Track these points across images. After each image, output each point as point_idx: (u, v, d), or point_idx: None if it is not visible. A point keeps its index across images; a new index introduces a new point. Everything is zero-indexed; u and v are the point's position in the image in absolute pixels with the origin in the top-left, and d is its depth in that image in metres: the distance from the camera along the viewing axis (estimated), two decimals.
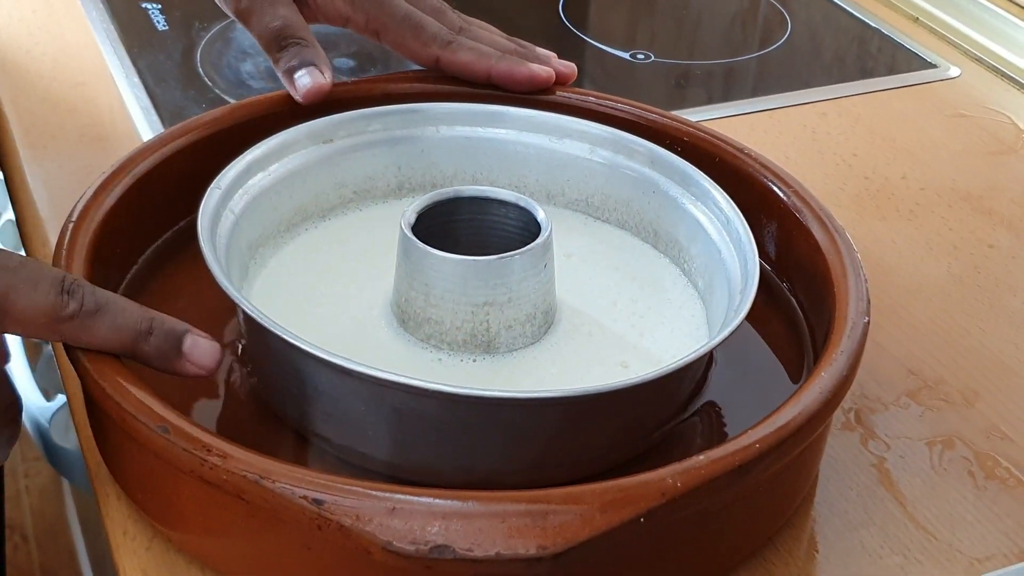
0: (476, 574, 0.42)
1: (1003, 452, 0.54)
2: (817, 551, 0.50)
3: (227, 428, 0.51)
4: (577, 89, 0.63)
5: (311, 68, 0.59)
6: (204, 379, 0.48)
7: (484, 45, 0.63)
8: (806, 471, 0.50)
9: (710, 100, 0.82)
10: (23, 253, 0.79)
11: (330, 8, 0.63)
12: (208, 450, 0.42)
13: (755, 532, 0.48)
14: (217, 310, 0.54)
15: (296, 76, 0.59)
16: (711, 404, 0.53)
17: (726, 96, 0.83)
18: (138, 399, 0.44)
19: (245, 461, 0.42)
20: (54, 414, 0.76)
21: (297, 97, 0.59)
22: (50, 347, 0.77)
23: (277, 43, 0.60)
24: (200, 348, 0.47)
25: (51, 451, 0.78)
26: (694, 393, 0.52)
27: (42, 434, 0.79)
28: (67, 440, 0.75)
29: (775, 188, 0.57)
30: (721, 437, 0.52)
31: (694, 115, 0.74)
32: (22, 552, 1.28)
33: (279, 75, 0.60)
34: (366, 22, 0.63)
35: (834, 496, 0.52)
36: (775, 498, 0.48)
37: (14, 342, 0.86)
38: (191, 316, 0.56)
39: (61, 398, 0.77)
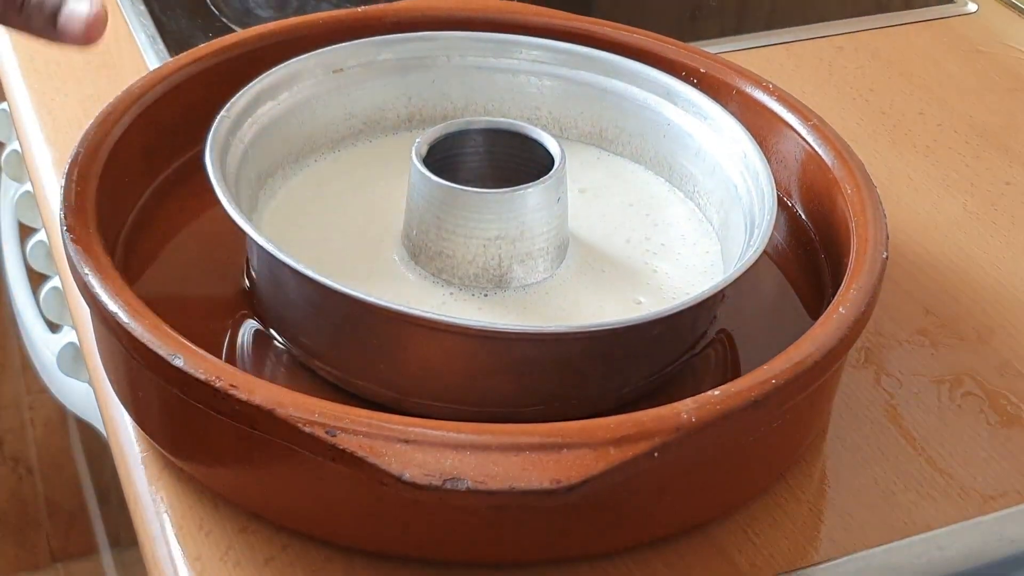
0: (490, 506, 0.42)
1: (1017, 389, 0.54)
2: (829, 487, 0.49)
3: (236, 361, 0.51)
4: (592, 19, 0.62)
5: (72, 1, 0.46)
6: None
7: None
8: (820, 407, 0.50)
9: (722, 33, 0.81)
10: (29, 185, 0.78)
11: None
12: (221, 379, 0.42)
13: (768, 467, 0.48)
14: (226, 241, 0.53)
15: (61, 22, 0.46)
16: (727, 336, 0.52)
17: (740, 29, 0.81)
18: (151, 327, 0.44)
19: (259, 391, 0.42)
20: (61, 348, 0.76)
21: (78, 41, 0.47)
22: (56, 279, 0.77)
23: (10, 3, 0.47)
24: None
25: (58, 384, 0.78)
26: (708, 328, 0.52)
27: (48, 367, 0.79)
28: (75, 372, 0.74)
29: (795, 121, 0.56)
30: (735, 372, 0.51)
31: (707, 48, 0.73)
32: (27, 484, 1.28)
33: (39, 35, 0.47)
34: None
35: (847, 433, 0.52)
36: (789, 434, 0.48)
37: (18, 274, 0.86)
38: (199, 246, 0.56)
39: (67, 331, 0.77)
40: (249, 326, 0.52)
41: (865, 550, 0.47)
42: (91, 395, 0.70)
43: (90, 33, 0.47)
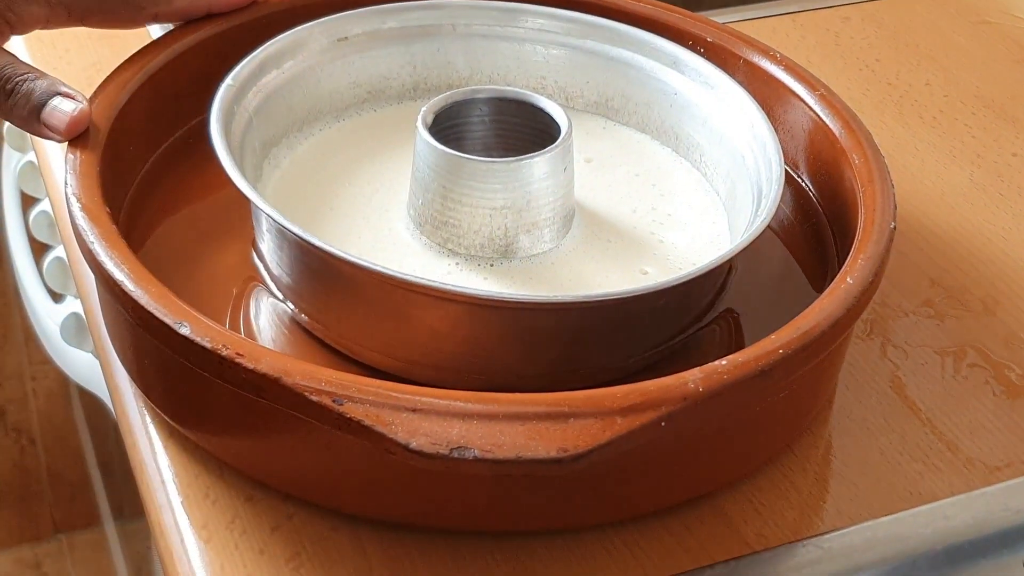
0: (496, 475, 0.42)
1: (1022, 360, 0.54)
2: (835, 458, 0.49)
3: (242, 330, 0.51)
4: None
5: (58, 98, 0.50)
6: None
7: None
8: (827, 378, 0.50)
9: (729, 3, 0.80)
10: (32, 155, 0.78)
11: (27, 16, 0.52)
12: (228, 348, 0.42)
13: (775, 438, 0.48)
14: (230, 209, 0.53)
15: (44, 115, 0.49)
16: (731, 309, 0.52)
17: None
18: (157, 295, 0.43)
19: (265, 359, 0.41)
20: (64, 318, 0.76)
21: (59, 137, 0.50)
22: (59, 249, 0.76)
23: (0, 90, 0.50)
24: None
25: (61, 354, 0.78)
26: (715, 300, 0.51)
27: (51, 337, 0.79)
28: (78, 343, 0.74)
29: (802, 91, 0.56)
30: (741, 343, 0.51)
31: (714, 18, 0.72)
32: (29, 455, 1.28)
33: (21, 126, 0.50)
34: (68, 13, 0.54)
35: (853, 404, 0.52)
36: (795, 404, 0.48)
37: (21, 244, 0.86)
38: (204, 215, 0.56)
39: (70, 301, 0.77)
40: (255, 295, 0.52)
41: (871, 520, 0.47)
42: (95, 365, 0.70)
43: (71, 129, 0.50)
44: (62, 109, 0.49)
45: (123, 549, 1.02)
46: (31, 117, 0.50)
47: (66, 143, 0.50)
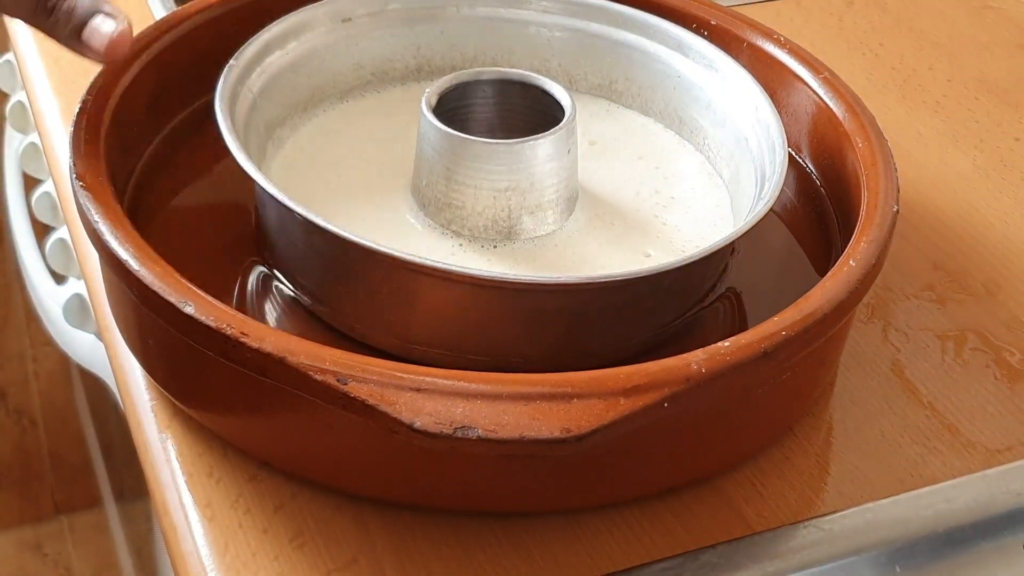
0: (500, 455, 0.42)
1: (1023, 344, 0.54)
2: (837, 440, 0.50)
3: (246, 309, 0.51)
4: None
5: (100, 17, 0.48)
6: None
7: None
8: (829, 360, 0.50)
9: None
10: (35, 136, 0.78)
11: None
12: (232, 327, 0.42)
13: (777, 419, 0.48)
14: (235, 190, 0.53)
15: (85, 35, 0.48)
16: (733, 291, 0.52)
17: None
18: (162, 275, 0.44)
19: (270, 339, 0.42)
20: (67, 299, 0.76)
21: (99, 57, 0.49)
22: (62, 230, 0.76)
23: (42, 7, 0.48)
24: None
25: (63, 335, 0.78)
26: (717, 282, 0.52)
27: (54, 318, 0.79)
28: (81, 324, 0.74)
29: (806, 75, 0.56)
30: (743, 325, 0.51)
31: (718, 1, 0.73)
32: (30, 436, 1.29)
33: (63, 42, 0.49)
34: None
35: (855, 387, 0.52)
36: (798, 386, 0.48)
37: (23, 225, 0.86)
38: (207, 195, 0.56)
39: (73, 282, 0.77)
40: (259, 274, 0.52)
41: (872, 502, 0.47)
42: (97, 346, 0.70)
43: (111, 51, 0.49)
44: (103, 31, 0.48)
45: (124, 530, 1.02)
46: (72, 35, 0.48)
47: (68, 129, 0.50)
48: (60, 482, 1.29)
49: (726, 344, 0.43)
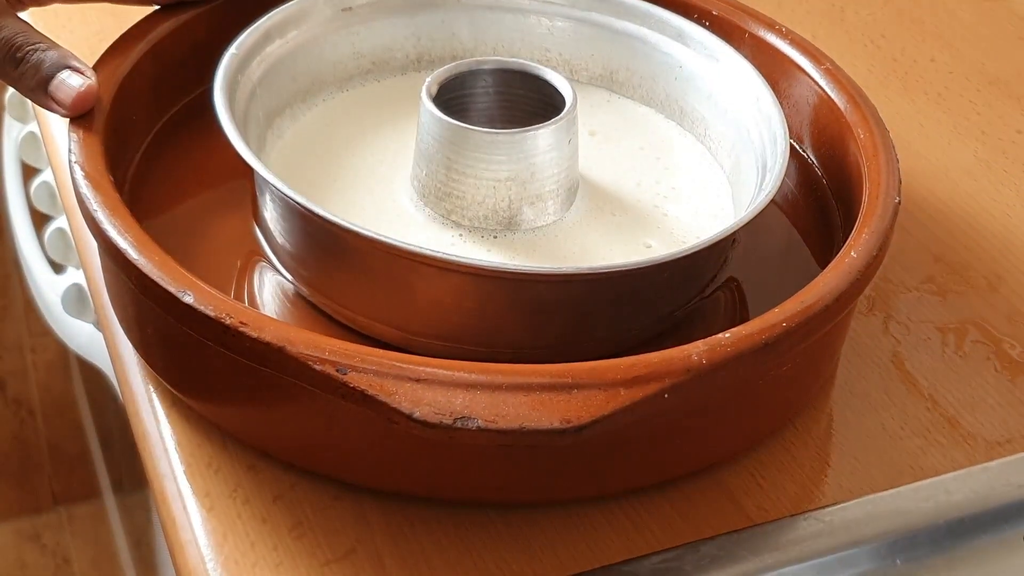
0: (500, 445, 0.42)
1: None
2: (837, 432, 0.50)
3: (245, 299, 0.51)
4: None
5: (67, 72, 0.49)
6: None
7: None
8: (830, 352, 0.50)
9: None
10: (35, 126, 0.78)
11: None
12: (232, 317, 0.42)
13: (777, 411, 0.48)
14: (234, 179, 0.53)
15: (52, 88, 0.49)
16: (734, 282, 0.52)
17: None
18: (161, 264, 0.43)
19: (269, 329, 0.41)
20: (65, 288, 0.76)
21: (63, 111, 0.49)
22: (60, 220, 0.76)
23: (10, 58, 0.49)
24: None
25: (62, 325, 0.78)
26: (718, 273, 0.51)
27: (52, 308, 0.78)
28: (79, 313, 0.74)
29: (807, 65, 0.55)
30: (744, 316, 0.51)
31: None
32: (29, 427, 1.29)
33: (28, 96, 0.50)
34: None
35: (855, 379, 0.52)
36: (798, 378, 0.48)
37: (21, 215, 0.85)
38: (207, 185, 0.56)
39: (71, 271, 0.77)
40: (258, 264, 0.52)
41: (872, 494, 0.47)
42: (95, 336, 0.70)
43: (77, 104, 0.49)
44: (70, 84, 0.49)
45: (122, 521, 1.02)
46: (38, 88, 0.49)
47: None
48: (58, 473, 1.29)
49: (727, 335, 0.43)
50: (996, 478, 0.48)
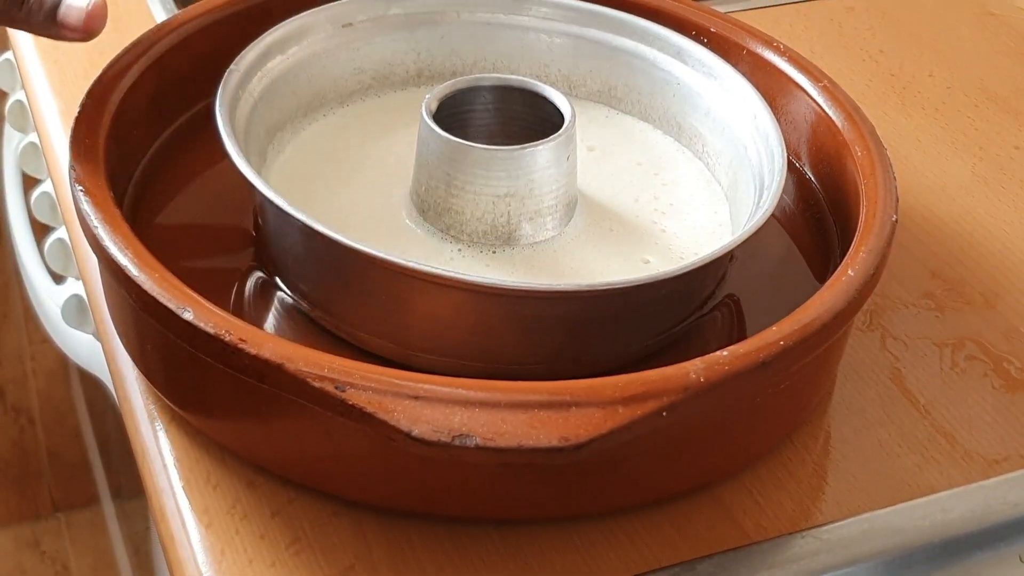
0: (498, 463, 0.42)
1: (1022, 354, 0.54)
2: (834, 449, 0.50)
3: (245, 315, 0.51)
4: None
5: None
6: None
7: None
8: (827, 369, 0.50)
9: None
10: (34, 135, 0.78)
11: None
12: (231, 333, 0.42)
13: (774, 429, 0.48)
14: (234, 195, 0.53)
15: (61, 15, 0.47)
16: (732, 298, 0.52)
17: None
18: (160, 280, 0.44)
19: (268, 345, 0.42)
20: (66, 299, 0.76)
21: (78, 36, 0.48)
22: (60, 230, 0.76)
23: (13, 1, 0.47)
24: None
25: (61, 335, 0.78)
26: (715, 289, 0.52)
27: (52, 318, 0.79)
28: (79, 324, 0.74)
29: (805, 83, 0.56)
30: (742, 333, 0.51)
31: (717, 8, 0.72)
32: (28, 434, 1.29)
33: (39, 32, 0.48)
34: None
35: (852, 395, 0.52)
36: (795, 395, 0.48)
37: (22, 224, 0.86)
38: (207, 200, 0.56)
39: (71, 282, 0.77)
40: (257, 280, 0.52)
41: (869, 512, 0.47)
42: (95, 346, 0.70)
43: (89, 25, 0.47)
44: (77, 6, 0.47)
45: (121, 528, 1.02)
46: (47, 20, 0.47)
47: (68, 130, 0.50)
48: (58, 480, 1.29)
49: (724, 354, 0.43)
50: (993, 496, 0.48)
